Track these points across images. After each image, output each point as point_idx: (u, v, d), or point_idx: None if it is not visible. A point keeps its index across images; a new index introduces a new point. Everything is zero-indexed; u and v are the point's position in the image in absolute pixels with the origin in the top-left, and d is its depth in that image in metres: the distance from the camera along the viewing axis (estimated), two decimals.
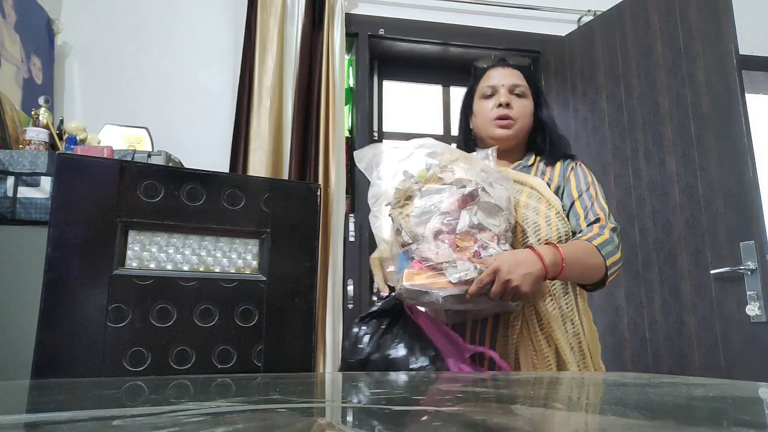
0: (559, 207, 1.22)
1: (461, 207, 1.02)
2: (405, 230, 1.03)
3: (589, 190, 1.27)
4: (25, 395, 0.54)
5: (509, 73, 1.34)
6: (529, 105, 1.33)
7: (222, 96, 2.36)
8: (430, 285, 0.98)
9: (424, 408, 0.41)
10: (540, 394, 0.50)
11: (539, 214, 1.19)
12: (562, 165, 1.32)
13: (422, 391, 0.49)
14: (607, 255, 1.14)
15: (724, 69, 1.93)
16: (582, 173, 1.30)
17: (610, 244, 1.16)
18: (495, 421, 0.35)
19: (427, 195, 1.04)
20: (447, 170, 1.06)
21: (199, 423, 0.31)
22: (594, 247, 1.14)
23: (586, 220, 1.22)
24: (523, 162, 1.34)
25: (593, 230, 1.18)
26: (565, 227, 1.20)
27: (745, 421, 0.35)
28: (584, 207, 1.24)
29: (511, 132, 1.30)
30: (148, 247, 0.93)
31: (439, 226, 1.01)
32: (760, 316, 1.78)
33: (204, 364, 0.89)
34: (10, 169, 1.50)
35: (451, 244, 1.00)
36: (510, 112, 1.29)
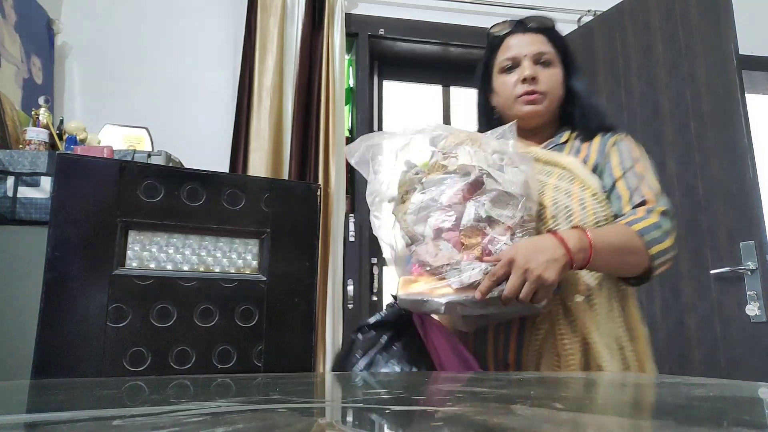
0: (597, 187, 1.04)
1: (466, 198, 0.88)
2: (403, 230, 0.92)
3: (635, 168, 1.07)
4: (25, 395, 0.54)
5: (531, 40, 1.14)
6: (558, 73, 1.14)
7: (222, 96, 2.36)
8: (429, 292, 0.84)
9: (424, 408, 0.41)
10: (540, 395, 0.50)
11: (571, 197, 1.02)
12: (602, 139, 1.13)
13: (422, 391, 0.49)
14: (652, 242, 0.96)
15: (724, 69, 1.93)
16: (626, 147, 1.11)
17: (656, 230, 0.97)
18: (495, 421, 0.35)
19: (429, 187, 0.91)
20: (450, 156, 0.92)
21: (199, 423, 0.31)
22: (633, 233, 0.96)
23: (630, 202, 1.02)
24: (555, 139, 1.16)
25: (636, 214, 0.99)
26: (604, 210, 1.02)
27: (745, 421, 0.35)
28: (629, 187, 1.04)
29: (541, 108, 1.12)
30: (148, 247, 0.93)
31: (440, 222, 0.88)
32: (760, 316, 1.78)
33: (204, 364, 0.89)
34: (10, 169, 1.50)
35: (455, 243, 0.87)
36: (536, 86, 1.11)
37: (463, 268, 0.84)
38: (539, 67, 1.13)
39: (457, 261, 0.85)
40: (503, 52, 1.16)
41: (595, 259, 0.90)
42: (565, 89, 1.15)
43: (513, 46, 1.15)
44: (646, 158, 1.11)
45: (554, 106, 1.14)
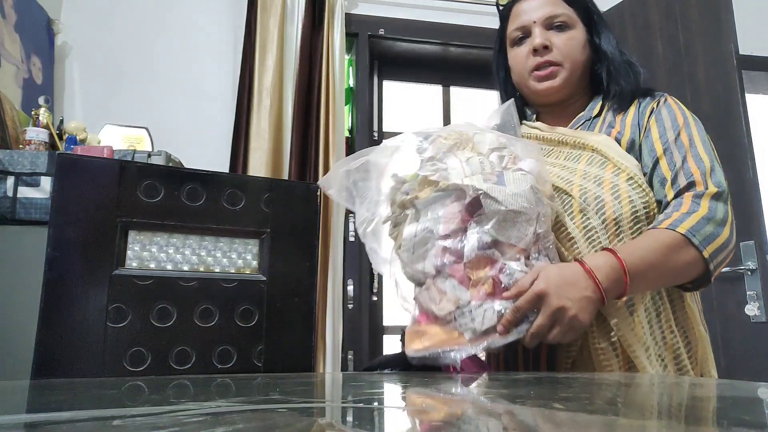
0: (634, 169, 0.88)
1: (465, 221, 0.74)
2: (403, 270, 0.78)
3: (680, 138, 0.89)
4: (25, 395, 0.54)
5: (541, 3, 0.99)
6: (578, 36, 0.99)
7: (222, 96, 2.36)
8: (441, 345, 0.71)
9: (424, 408, 0.41)
10: (540, 395, 0.50)
11: (602, 185, 0.86)
12: (638, 108, 0.96)
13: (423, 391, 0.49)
14: (705, 241, 0.80)
15: (724, 69, 1.93)
16: (669, 114, 0.93)
17: (710, 223, 0.81)
18: (495, 421, 0.35)
19: (422, 209, 0.77)
20: (440, 168, 0.77)
21: (199, 423, 0.31)
22: (681, 237, 0.79)
23: (673, 187, 0.86)
24: (586, 113, 1.00)
25: (682, 206, 0.83)
26: (644, 197, 0.86)
27: (745, 421, 0.35)
28: (672, 166, 0.87)
29: (557, 82, 0.97)
30: (148, 247, 0.93)
31: (440, 259, 0.74)
32: (760, 316, 1.78)
33: (204, 364, 0.89)
34: (10, 169, 1.50)
35: (462, 279, 0.72)
36: (550, 56, 0.97)
37: (475, 313, 0.71)
38: (553, 32, 0.98)
39: (466, 302, 0.71)
40: (512, 22, 1.03)
41: (633, 287, 0.77)
42: (590, 52, 1.00)
43: (521, 12, 1.01)
44: (694, 121, 0.93)
45: (576, 75, 0.99)
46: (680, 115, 0.93)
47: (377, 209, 0.82)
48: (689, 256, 0.80)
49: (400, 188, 0.81)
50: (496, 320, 0.70)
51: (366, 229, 0.84)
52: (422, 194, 0.77)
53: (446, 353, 0.70)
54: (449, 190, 0.75)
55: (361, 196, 0.84)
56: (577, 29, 0.99)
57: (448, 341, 0.71)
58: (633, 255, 0.77)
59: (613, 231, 0.84)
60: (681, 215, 0.81)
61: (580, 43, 0.99)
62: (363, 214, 0.83)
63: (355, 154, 0.83)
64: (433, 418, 0.36)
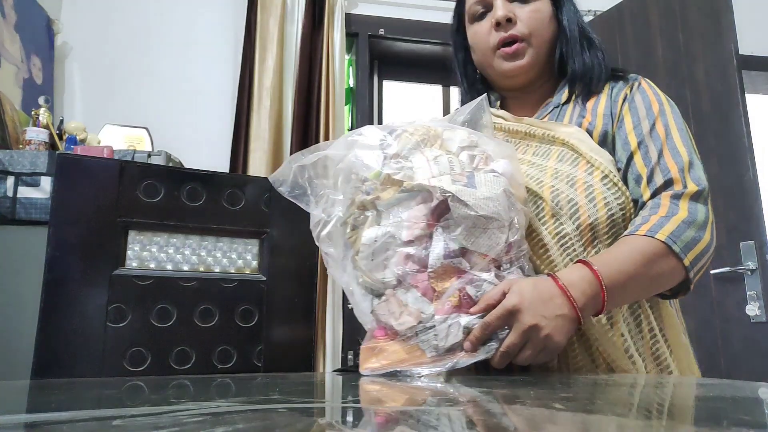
0: (608, 166, 0.80)
1: (431, 226, 0.66)
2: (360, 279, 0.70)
3: (655, 129, 0.82)
4: (25, 395, 0.54)
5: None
6: (544, 8, 0.90)
7: (222, 96, 2.36)
8: (399, 364, 0.64)
9: (424, 408, 0.41)
10: (540, 395, 0.50)
11: (575, 186, 0.78)
12: (610, 94, 0.88)
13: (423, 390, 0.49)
14: (685, 248, 0.73)
15: (724, 69, 1.93)
16: (644, 100, 0.86)
17: (690, 227, 0.75)
18: (495, 421, 0.35)
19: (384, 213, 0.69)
20: (405, 166, 0.69)
21: (199, 423, 0.31)
22: (661, 245, 0.73)
23: (650, 185, 0.79)
24: (555, 100, 0.92)
25: (660, 207, 0.76)
26: (620, 197, 0.78)
27: (745, 421, 0.35)
28: (648, 162, 0.81)
29: (525, 61, 0.89)
30: (148, 247, 0.93)
31: (403, 266, 0.66)
32: (760, 316, 1.78)
33: (204, 364, 0.89)
34: (10, 169, 1.50)
35: (425, 291, 0.65)
36: (515, 29, 0.88)
37: (438, 329, 0.63)
38: (516, 5, 0.90)
39: (429, 316, 0.64)
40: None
41: (612, 303, 0.70)
42: (557, 26, 0.92)
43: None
44: (670, 107, 0.86)
45: (544, 51, 0.91)
46: (655, 101, 0.86)
47: (334, 210, 0.73)
48: (670, 264, 0.73)
49: (361, 187, 0.71)
50: (461, 337, 0.63)
51: (321, 231, 0.74)
52: (385, 195, 0.69)
53: (405, 373, 0.63)
54: (414, 191, 0.67)
55: (316, 195, 0.74)
56: (542, 1, 0.91)
57: (408, 359, 0.64)
58: (610, 267, 0.70)
59: (588, 237, 0.77)
60: (660, 219, 0.75)
61: (546, 17, 0.91)
62: (318, 215, 0.74)
63: (311, 147, 0.74)
64: (434, 417, 0.36)
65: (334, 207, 0.73)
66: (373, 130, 0.75)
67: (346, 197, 0.73)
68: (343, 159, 0.73)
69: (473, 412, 0.38)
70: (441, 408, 0.41)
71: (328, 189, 0.74)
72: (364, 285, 0.70)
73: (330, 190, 0.74)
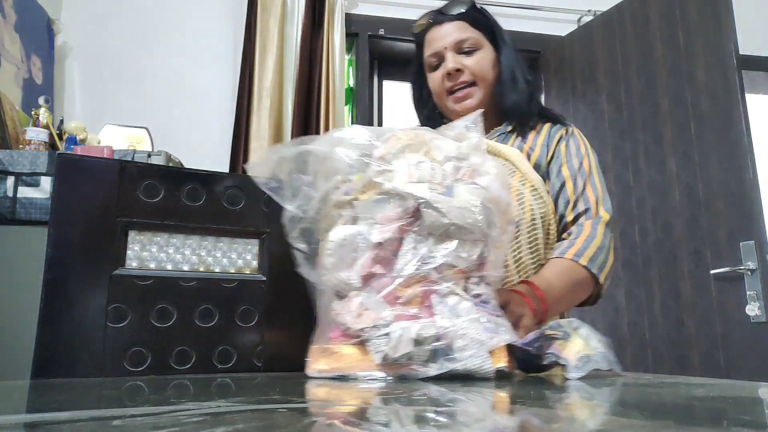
0: (537, 182, 1.01)
1: (404, 232, 0.64)
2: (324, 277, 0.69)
3: (582, 166, 1.04)
4: (25, 395, 0.54)
5: (451, 29, 1.08)
6: (487, 57, 1.09)
7: (222, 96, 2.36)
8: (349, 369, 0.62)
9: (423, 407, 0.41)
10: (540, 395, 0.50)
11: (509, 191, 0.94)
12: (549, 133, 1.09)
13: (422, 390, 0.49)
14: (600, 269, 0.97)
15: (724, 69, 1.93)
16: (575, 145, 1.08)
17: (603, 252, 0.98)
18: (495, 421, 0.35)
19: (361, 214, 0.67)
20: (387, 170, 0.68)
21: (199, 423, 0.31)
22: (582, 269, 0.95)
23: (574, 210, 1.02)
24: (502, 128, 1.11)
25: (583, 231, 0.98)
26: (542, 207, 0.99)
27: (745, 421, 0.35)
28: (576, 191, 1.03)
29: (474, 102, 1.08)
30: (148, 247, 0.93)
31: (368, 268, 0.64)
32: (760, 316, 1.78)
33: (204, 364, 0.89)
34: (10, 169, 1.50)
35: (388, 296, 0.63)
36: (463, 77, 1.07)
37: (392, 336, 0.60)
38: (463, 56, 1.08)
39: (386, 322, 0.61)
40: (427, 49, 1.12)
41: (549, 314, 0.88)
42: (500, 70, 1.10)
43: (434, 40, 1.10)
44: (593, 153, 1.09)
45: (489, 92, 1.10)
46: (583, 147, 1.08)
47: (310, 206, 0.71)
48: (588, 284, 0.97)
49: (340, 187, 0.70)
50: (411, 347, 0.60)
51: (295, 227, 0.73)
52: (363, 197, 0.67)
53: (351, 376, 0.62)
54: (390, 194, 0.66)
55: (293, 189, 0.72)
56: (485, 50, 1.09)
57: (357, 366, 0.62)
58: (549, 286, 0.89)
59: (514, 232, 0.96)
60: (583, 243, 0.97)
61: (490, 62, 1.09)
62: (294, 211, 0.73)
63: (294, 140, 0.75)
64: (434, 417, 0.36)
65: (311, 203, 0.71)
66: (361, 131, 0.73)
67: (324, 195, 0.71)
68: (326, 156, 0.71)
69: (474, 410, 0.38)
70: (441, 407, 0.41)
71: (306, 185, 0.72)
72: (328, 284, 0.68)
73: (308, 187, 0.72)
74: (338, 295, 0.68)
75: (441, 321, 0.61)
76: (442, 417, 0.35)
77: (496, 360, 0.60)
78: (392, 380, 0.58)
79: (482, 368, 0.59)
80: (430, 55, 1.11)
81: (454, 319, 0.61)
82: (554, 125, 1.10)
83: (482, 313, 0.63)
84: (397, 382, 0.57)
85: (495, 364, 0.60)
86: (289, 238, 0.73)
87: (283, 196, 0.73)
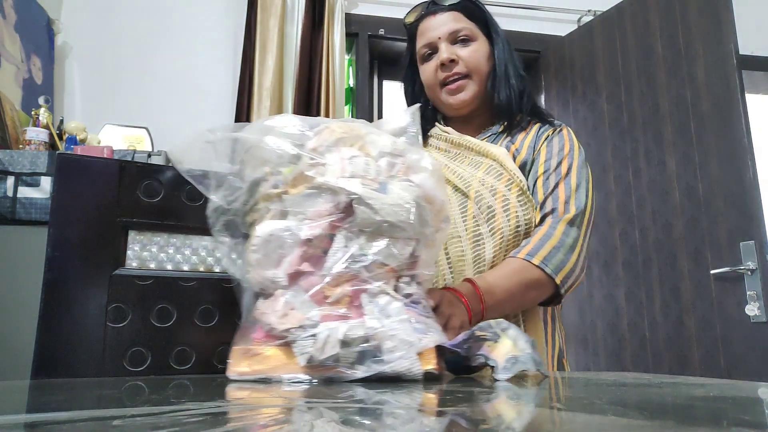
0: (524, 185, 0.98)
1: (334, 228, 0.62)
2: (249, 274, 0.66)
3: (560, 166, 1.00)
4: (25, 395, 0.54)
5: (444, 19, 1.05)
6: (482, 48, 1.06)
7: (222, 96, 2.36)
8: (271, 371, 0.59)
9: (423, 407, 0.41)
10: (540, 394, 0.50)
11: (496, 196, 0.95)
12: (537, 132, 1.05)
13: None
14: (556, 269, 0.91)
15: (724, 69, 1.93)
16: (559, 142, 1.03)
17: (559, 251, 0.92)
18: (495, 421, 0.35)
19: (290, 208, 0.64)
20: (318, 163, 0.64)
21: (199, 423, 0.31)
22: (534, 268, 0.90)
23: (542, 210, 0.97)
24: (494, 129, 1.08)
25: (540, 230, 0.94)
26: (527, 213, 0.96)
27: (745, 421, 0.35)
28: (546, 190, 0.98)
29: (468, 95, 1.04)
30: (148, 247, 0.93)
31: (296, 266, 0.62)
32: (760, 316, 1.78)
33: (204, 364, 0.89)
34: (10, 169, 1.50)
35: (316, 295, 0.60)
36: (457, 68, 1.04)
37: (318, 337, 0.58)
38: (458, 47, 1.05)
39: (313, 323, 0.59)
40: (420, 39, 1.09)
41: (489, 313, 0.85)
42: (495, 63, 1.07)
43: (427, 29, 1.07)
44: (578, 151, 1.03)
45: (484, 86, 1.06)
46: (567, 145, 1.02)
47: (236, 197, 0.68)
48: (542, 283, 0.91)
49: (269, 179, 0.67)
50: (338, 349, 0.57)
51: (218, 219, 0.69)
52: (294, 191, 0.64)
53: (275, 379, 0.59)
54: (322, 189, 0.63)
55: (218, 179, 0.68)
56: (479, 41, 1.06)
57: (281, 368, 0.59)
58: (491, 285, 0.87)
59: (497, 239, 0.95)
60: (537, 242, 0.93)
61: (484, 55, 1.06)
62: (218, 202, 0.69)
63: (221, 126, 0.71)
64: (434, 417, 0.36)
65: (236, 195, 0.67)
66: (293, 120, 0.70)
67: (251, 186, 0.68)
68: (254, 145, 0.67)
69: (474, 410, 0.38)
70: (441, 407, 0.41)
71: (231, 175, 0.68)
72: (253, 282, 0.65)
73: (233, 177, 0.68)
74: (263, 293, 0.65)
75: (370, 321, 0.59)
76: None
77: (425, 362, 0.59)
78: (318, 383, 0.56)
79: (411, 370, 0.58)
80: (423, 46, 1.07)
81: (384, 319, 0.59)
82: (543, 125, 1.06)
83: (412, 314, 0.61)
84: (323, 384, 0.56)
85: (424, 366, 0.59)
86: (212, 230, 0.68)
87: (207, 186, 0.69)
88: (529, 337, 0.64)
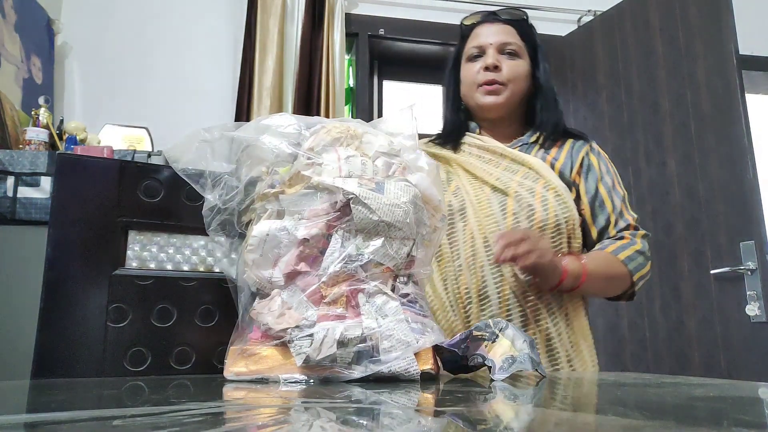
0: (561, 189, 1.06)
1: (331, 228, 0.62)
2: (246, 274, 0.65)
3: (615, 188, 1.12)
4: (25, 395, 0.54)
5: (499, 30, 1.14)
6: (524, 66, 1.14)
7: (222, 96, 2.36)
8: (268, 371, 0.59)
9: (423, 407, 0.41)
10: (540, 394, 0.50)
11: (534, 195, 1.04)
12: (573, 145, 1.15)
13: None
14: (636, 269, 1.05)
15: (724, 69, 1.93)
16: (602, 160, 1.15)
17: (640, 256, 1.06)
18: (495, 421, 0.35)
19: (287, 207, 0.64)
20: (315, 162, 0.65)
21: (199, 423, 0.31)
22: (620, 261, 1.04)
23: (616, 227, 1.10)
24: (524, 138, 1.16)
25: (624, 237, 1.08)
26: (566, 212, 1.04)
27: (745, 421, 0.35)
28: (615, 208, 1.10)
29: (501, 99, 1.11)
30: (148, 247, 0.93)
31: (293, 265, 0.62)
32: (760, 316, 1.78)
33: (204, 364, 0.89)
34: (10, 169, 1.50)
35: (313, 294, 0.61)
36: (498, 75, 1.11)
37: (315, 337, 0.57)
38: (504, 57, 1.13)
39: (310, 322, 0.59)
40: (471, 41, 1.16)
41: (585, 287, 1.00)
42: (531, 84, 1.16)
43: (480, 34, 1.15)
44: (614, 167, 1.17)
45: (517, 98, 1.14)
46: (611, 166, 1.16)
47: (232, 197, 0.68)
48: (624, 276, 1.04)
49: (265, 179, 0.67)
50: (335, 349, 0.57)
51: (214, 219, 0.69)
52: (290, 190, 0.64)
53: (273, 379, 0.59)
54: (319, 188, 0.63)
55: (214, 178, 0.68)
56: (524, 59, 1.14)
57: (278, 368, 0.59)
58: (592, 263, 1.01)
59: (539, 232, 1.03)
60: (623, 245, 1.06)
61: (525, 72, 1.14)
62: (213, 201, 0.69)
63: (218, 125, 0.71)
64: (434, 417, 0.36)
65: (232, 194, 0.67)
66: (290, 119, 0.69)
67: (247, 186, 0.68)
68: (251, 144, 0.67)
69: (474, 410, 0.38)
70: (441, 407, 0.41)
71: (228, 174, 0.68)
72: (249, 281, 0.65)
73: (230, 176, 0.68)
74: (260, 293, 0.65)
75: (367, 321, 0.59)
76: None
77: (422, 362, 0.59)
78: (315, 383, 0.56)
79: (408, 371, 0.58)
80: (473, 47, 1.14)
81: (381, 319, 0.59)
82: (576, 140, 1.16)
83: (409, 314, 0.61)
84: (320, 384, 0.56)
85: (421, 367, 0.58)
86: (208, 230, 0.68)
87: (203, 185, 0.69)
88: (528, 337, 0.64)
